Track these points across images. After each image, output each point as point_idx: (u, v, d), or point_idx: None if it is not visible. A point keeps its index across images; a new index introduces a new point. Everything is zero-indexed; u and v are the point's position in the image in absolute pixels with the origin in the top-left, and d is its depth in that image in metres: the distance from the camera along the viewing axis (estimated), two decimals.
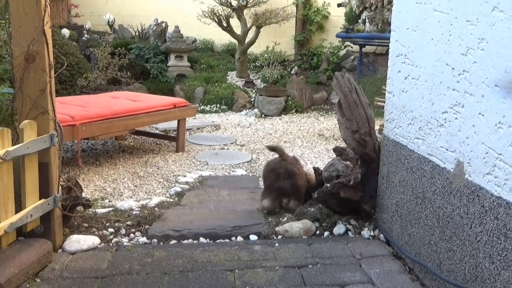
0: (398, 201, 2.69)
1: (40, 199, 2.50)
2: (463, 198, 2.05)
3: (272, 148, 3.66)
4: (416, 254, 2.49)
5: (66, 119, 3.98)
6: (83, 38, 9.16)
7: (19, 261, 2.27)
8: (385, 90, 3.01)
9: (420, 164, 2.44)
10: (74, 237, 2.73)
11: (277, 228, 3.01)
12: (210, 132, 6.62)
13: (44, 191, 2.53)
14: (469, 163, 2.02)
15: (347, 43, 9.34)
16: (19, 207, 2.39)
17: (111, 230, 2.95)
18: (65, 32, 8.44)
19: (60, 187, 2.67)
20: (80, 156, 4.19)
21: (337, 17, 9.92)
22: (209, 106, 8.14)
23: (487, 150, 1.90)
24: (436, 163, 2.28)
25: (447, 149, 2.19)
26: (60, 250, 2.65)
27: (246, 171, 4.75)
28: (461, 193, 2.07)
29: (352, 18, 9.19)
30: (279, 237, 2.96)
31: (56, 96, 2.59)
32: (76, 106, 4.57)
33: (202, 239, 2.90)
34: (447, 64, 2.20)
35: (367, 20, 8.57)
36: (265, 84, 8.74)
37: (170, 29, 9.40)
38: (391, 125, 2.81)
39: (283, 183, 3.29)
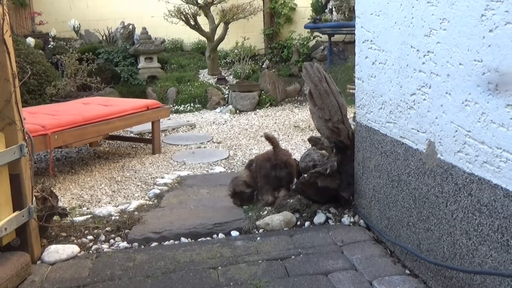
0: (375, 186, 2.72)
1: (14, 211, 2.45)
2: (437, 178, 2.08)
3: (267, 137, 3.47)
4: (396, 236, 2.51)
5: (37, 128, 3.90)
6: (49, 45, 9.00)
7: None
8: None
9: (394, 148, 2.46)
10: (53, 247, 2.68)
11: (257, 222, 3.01)
12: (185, 131, 6.58)
13: (18, 203, 2.48)
14: (440, 142, 2.05)
15: (316, 33, 9.38)
16: None
17: (90, 237, 2.91)
18: (30, 41, 8.28)
19: (34, 198, 2.62)
20: (52, 164, 4.12)
21: (304, 8, 9.94)
22: (183, 105, 8.10)
23: (456, 128, 1.93)
24: (409, 145, 2.31)
25: (418, 131, 2.22)
26: (39, 262, 2.60)
27: (224, 168, 4.73)
28: (434, 172, 2.10)
29: (319, 8, 9.23)
30: (261, 231, 2.96)
31: (25, 106, 2.54)
32: (47, 115, 4.48)
33: (183, 239, 2.88)
34: (411, 47, 2.22)
35: (333, 9, 8.63)
36: (237, 80, 8.73)
37: (138, 31, 9.31)
38: (363, 111, 2.83)
39: (280, 172, 3.28)
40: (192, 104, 8.13)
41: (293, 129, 6.37)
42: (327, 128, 3.06)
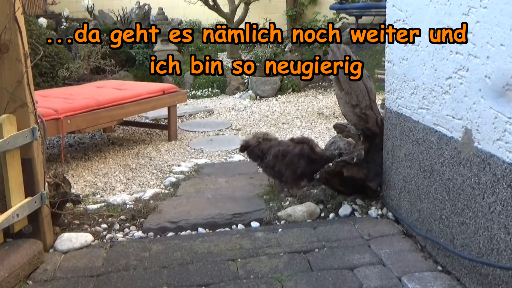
0: (405, 176, 2.68)
1: (26, 197, 2.48)
2: (474, 168, 2.04)
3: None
4: (427, 230, 2.48)
5: (50, 112, 3.94)
6: (62, 26, 9.07)
7: (8, 264, 2.27)
8: (385, 62, 2.98)
9: (426, 135, 2.42)
10: (66, 235, 2.72)
11: (279, 213, 3.01)
12: (203, 117, 6.59)
13: (30, 189, 2.51)
14: (477, 130, 2.00)
15: (342, 15, 9.26)
16: (4, 207, 2.37)
17: (104, 226, 2.95)
18: (42, 21, 8.35)
19: (46, 183, 2.65)
20: (63, 150, 4.16)
21: None
22: (200, 90, 8.10)
23: (496, 114, 1.88)
24: (443, 132, 2.27)
25: (453, 117, 2.18)
26: (51, 250, 2.64)
27: (243, 156, 4.72)
28: (471, 162, 2.06)
29: None
30: (282, 222, 2.96)
31: (37, 89, 2.55)
32: (59, 99, 4.53)
33: (200, 230, 2.90)
34: (448, 27, 2.17)
35: None
36: (258, 64, 8.68)
37: (154, 12, 9.33)
38: (393, 96, 2.79)
39: (317, 167, 3.21)
40: (210, 89, 8.13)
41: (317, 116, 6.33)
42: (354, 114, 3.02)
